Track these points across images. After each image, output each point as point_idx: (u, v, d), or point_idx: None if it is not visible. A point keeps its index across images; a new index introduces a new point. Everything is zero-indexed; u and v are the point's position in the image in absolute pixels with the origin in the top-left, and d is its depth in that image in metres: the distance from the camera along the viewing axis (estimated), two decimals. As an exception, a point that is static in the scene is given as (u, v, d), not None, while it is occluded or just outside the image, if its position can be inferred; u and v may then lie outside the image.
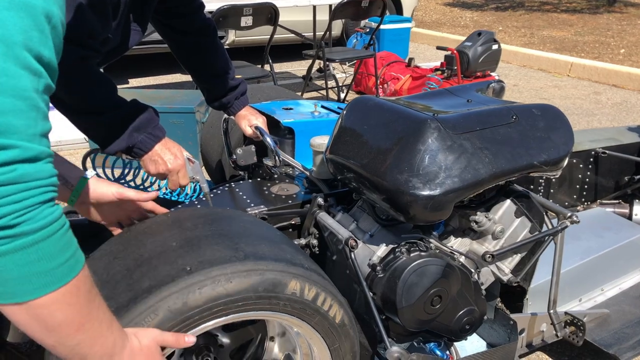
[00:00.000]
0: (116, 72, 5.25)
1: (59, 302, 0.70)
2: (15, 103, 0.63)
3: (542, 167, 1.33)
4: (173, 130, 3.16)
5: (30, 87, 0.65)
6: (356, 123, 1.42)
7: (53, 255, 0.68)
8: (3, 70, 0.62)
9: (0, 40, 0.62)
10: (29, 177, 0.65)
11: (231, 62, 1.78)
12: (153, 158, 1.36)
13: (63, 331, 0.73)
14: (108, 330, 0.79)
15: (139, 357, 0.86)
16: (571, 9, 9.96)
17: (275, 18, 3.69)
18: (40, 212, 0.66)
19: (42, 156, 0.66)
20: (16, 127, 0.63)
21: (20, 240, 0.65)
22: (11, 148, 0.63)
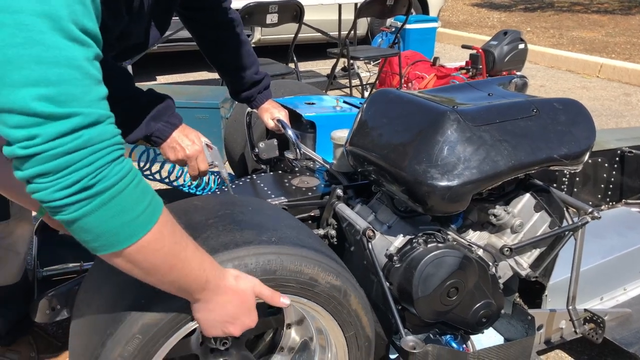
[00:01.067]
0: (144, 69, 5.36)
1: (147, 248, 0.79)
2: (70, 73, 0.68)
3: (563, 160, 1.32)
4: (198, 125, 3.19)
5: (81, 56, 0.70)
6: (376, 115, 1.44)
7: (131, 206, 0.76)
8: (53, 44, 0.67)
9: (46, 15, 0.66)
10: (94, 140, 0.71)
11: (256, 57, 1.81)
12: (171, 145, 1.40)
13: (158, 272, 0.83)
14: (199, 267, 0.87)
15: (232, 297, 0.93)
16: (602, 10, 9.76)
17: (301, 16, 3.72)
18: (111, 170, 0.73)
19: (103, 119, 0.72)
20: (75, 95, 0.69)
21: (99, 198, 0.72)
22: (74, 116, 0.69)
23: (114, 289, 1.03)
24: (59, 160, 0.68)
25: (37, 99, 0.66)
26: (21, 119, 0.66)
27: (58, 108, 0.67)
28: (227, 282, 0.92)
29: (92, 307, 1.05)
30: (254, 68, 1.80)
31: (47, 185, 0.69)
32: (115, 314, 0.97)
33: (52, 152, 0.68)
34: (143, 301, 0.96)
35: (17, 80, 0.66)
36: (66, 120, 0.68)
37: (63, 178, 0.69)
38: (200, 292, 0.89)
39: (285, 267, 1.04)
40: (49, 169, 0.69)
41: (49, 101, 0.67)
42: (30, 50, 0.66)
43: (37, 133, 0.67)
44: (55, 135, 0.68)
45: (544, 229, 1.46)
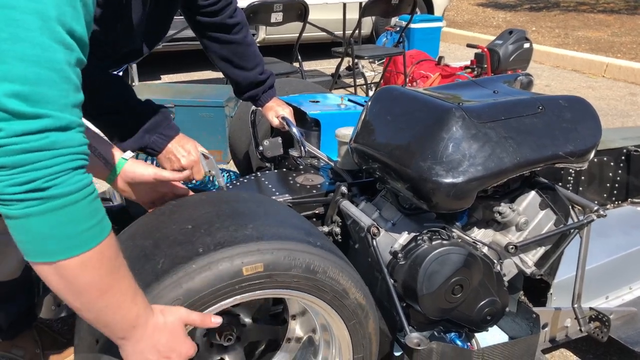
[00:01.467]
0: (148, 69, 5.37)
1: (83, 265, 0.75)
2: (49, 75, 0.68)
3: (568, 158, 1.32)
4: (202, 123, 3.22)
5: (63, 60, 0.69)
6: (381, 112, 1.43)
7: (80, 219, 0.73)
8: (39, 44, 0.67)
9: (37, 14, 0.66)
10: (59, 144, 0.69)
11: (261, 57, 1.82)
12: (167, 156, 1.41)
13: (87, 295, 0.78)
14: (132, 302, 0.83)
15: (161, 333, 0.88)
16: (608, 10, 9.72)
17: (305, 14, 3.72)
18: (71, 178, 0.71)
19: (73, 125, 0.71)
20: (49, 97, 0.68)
21: (51, 203, 0.70)
22: (44, 117, 0.67)
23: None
24: (18, 156, 0.67)
25: (9, 95, 0.65)
26: None
27: (29, 107, 0.66)
28: (155, 318, 0.88)
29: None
30: (259, 68, 1.80)
31: (2, 178, 0.68)
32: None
33: (13, 147, 0.67)
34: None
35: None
36: (35, 120, 0.67)
37: (19, 174, 0.67)
38: (129, 330, 0.84)
39: (326, 272, 1.07)
40: (6, 163, 0.67)
41: (21, 99, 0.66)
42: (14, 46, 0.65)
43: (2, 127, 0.66)
44: (19, 133, 0.66)
45: (549, 226, 1.45)
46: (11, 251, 1.55)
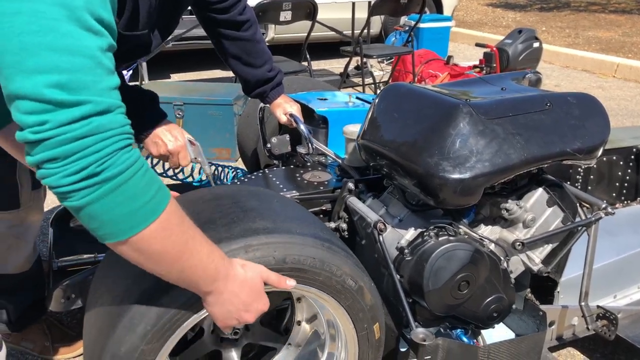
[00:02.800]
0: (158, 67, 5.40)
1: (154, 236, 0.79)
2: (82, 61, 0.70)
3: (576, 155, 1.31)
4: (211, 121, 3.24)
5: (94, 46, 0.71)
6: (388, 109, 1.44)
7: (138, 194, 0.76)
8: (68, 33, 0.69)
9: (63, 5, 0.68)
10: (103, 127, 0.72)
11: (270, 54, 1.83)
12: (154, 140, 1.43)
13: (165, 261, 0.82)
14: (208, 258, 0.87)
15: (242, 287, 0.93)
16: (620, 10, 9.64)
17: (314, 13, 3.73)
18: (119, 158, 0.74)
19: (113, 108, 0.74)
20: (86, 83, 0.70)
21: (107, 185, 0.73)
22: (85, 103, 0.70)
23: (126, 278, 1.04)
24: (68, 146, 0.70)
25: (49, 85, 0.68)
26: (33, 105, 0.68)
27: (69, 95, 0.69)
28: (236, 270, 0.92)
29: (104, 297, 1.06)
30: (268, 65, 1.81)
31: (55, 171, 0.70)
32: (127, 304, 0.98)
33: (61, 137, 0.69)
34: (154, 291, 0.97)
35: (31, 67, 0.67)
36: (76, 107, 0.69)
37: (71, 164, 0.70)
38: (211, 284, 0.89)
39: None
40: (57, 154, 0.70)
41: (60, 88, 0.68)
42: (45, 38, 0.67)
43: (48, 119, 0.68)
44: (65, 122, 0.69)
45: (556, 224, 1.45)
46: (22, 244, 1.58)
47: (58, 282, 1.49)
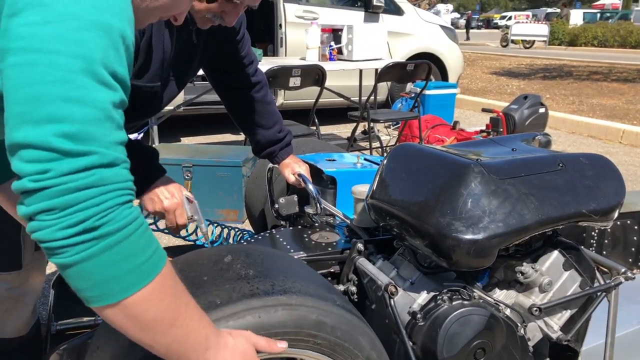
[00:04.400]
0: (169, 131, 5.50)
1: (147, 299, 0.74)
2: (94, 113, 0.69)
3: (592, 216, 1.28)
4: (219, 183, 3.25)
5: (107, 99, 0.71)
6: (398, 168, 1.43)
7: (136, 253, 0.72)
8: (83, 84, 0.68)
9: (82, 57, 0.68)
10: (107, 180, 0.70)
11: (280, 116, 1.85)
12: (150, 197, 1.41)
13: (157, 328, 0.76)
14: (199, 324, 0.82)
15: (234, 352, 0.87)
16: (622, 79, 9.86)
17: (323, 79, 3.82)
18: (120, 213, 0.71)
19: (118, 162, 0.72)
20: (95, 135, 0.69)
21: (105, 241, 0.69)
22: (91, 154, 0.68)
23: (124, 344, 0.99)
24: (68, 196, 0.67)
25: (57, 135, 0.66)
26: (38, 154, 0.66)
27: (76, 145, 0.67)
28: (226, 339, 0.87)
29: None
30: (278, 126, 1.83)
31: (50, 223, 0.67)
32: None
33: (62, 187, 0.67)
34: (154, 357, 0.92)
35: (41, 117, 0.66)
36: (82, 157, 0.68)
37: (69, 216, 0.67)
38: (203, 354, 0.82)
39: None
40: (55, 205, 0.67)
41: (68, 138, 0.67)
42: (60, 89, 0.67)
43: (50, 167, 0.66)
44: (68, 171, 0.67)
45: (574, 288, 1.39)
46: (21, 307, 1.53)
47: (55, 346, 1.43)
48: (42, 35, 0.67)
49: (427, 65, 4.26)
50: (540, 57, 14.92)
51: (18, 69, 0.67)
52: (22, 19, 0.67)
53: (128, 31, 0.74)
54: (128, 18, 0.75)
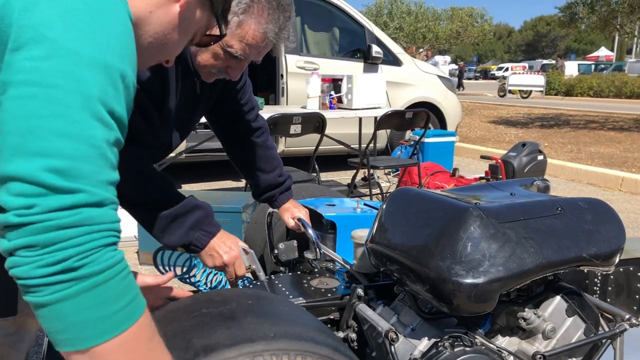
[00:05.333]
0: (171, 178, 5.52)
1: (120, 349, 0.70)
2: (86, 150, 0.68)
3: (593, 260, 1.27)
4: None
5: (101, 137, 0.70)
6: (397, 212, 1.43)
7: (113, 299, 0.69)
8: (78, 120, 0.68)
9: (80, 94, 0.68)
10: (92, 220, 0.68)
11: (280, 160, 1.87)
12: (209, 253, 1.42)
13: None
14: None
15: None
16: (618, 127, 9.99)
17: (323, 127, 3.88)
18: (103, 255, 0.68)
19: (107, 202, 0.70)
20: (85, 172, 0.68)
21: (84, 283, 0.67)
22: (78, 192, 0.67)
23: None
24: (51, 233, 0.65)
25: (47, 170, 0.65)
26: (25, 188, 0.65)
27: (65, 182, 0.66)
28: None
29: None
30: (278, 170, 1.85)
31: (30, 260, 0.65)
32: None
33: (46, 224, 0.65)
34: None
35: (34, 150, 0.66)
36: (69, 195, 0.66)
37: (50, 254, 0.65)
38: None
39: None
40: (37, 242, 0.65)
41: (58, 173, 0.66)
42: (55, 123, 0.67)
43: (36, 203, 0.65)
44: (54, 208, 0.65)
45: (578, 335, 1.37)
46: (14, 354, 1.49)
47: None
48: (43, 69, 0.67)
49: (425, 113, 4.33)
50: (537, 106, 15.17)
51: (17, 102, 0.67)
52: (25, 53, 0.68)
53: (129, 71, 0.75)
54: (130, 59, 0.76)
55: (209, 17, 0.99)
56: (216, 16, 0.99)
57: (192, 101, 1.50)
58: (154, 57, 0.98)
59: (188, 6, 0.92)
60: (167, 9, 0.90)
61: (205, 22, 0.99)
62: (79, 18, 0.70)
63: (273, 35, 1.30)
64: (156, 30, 0.91)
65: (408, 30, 23.50)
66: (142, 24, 0.89)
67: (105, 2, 0.74)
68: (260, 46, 1.31)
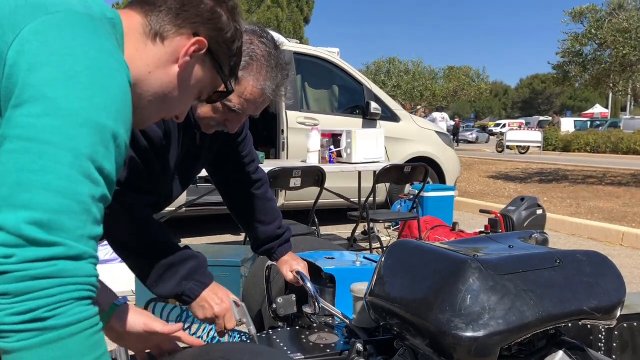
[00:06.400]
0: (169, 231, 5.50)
1: None
2: (71, 205, 0.70)
3: (594, 314, 1.26)
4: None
5: (88, 193, 0.72)
6: (396, 265, 1.43)
7: (77, 355, 0.69)
8: (67, 176, 0.71)
9: (71, 151, 0.71)
10: (66, 273, 0.69)
11: (280, 213, 1.88)
12: (201, 304, 1.41)
13: None
14: None
15: None
16: (616, 182, 10.05)
17: (322, 180, 3.91)
18: (72, 309, 0.69)
19: (85, 256, 0.71)
20: (67, 227, 0.69)
21: (49, 335, 0.67)
22: (57, 245, 0.68)
23: None
24: (24, 283, 0.66)
25: (30, 222, 0.67)
26: (7, 238, 0.67)
27: (45, 235, 0.68)
28: None
29: None
30: (277, 223, 1.86)
31: (3, 307, 0.66)
32: None
33: (20, 273, 0.66)
34: None
35: (19, 202, 0.68)
36: (48, 247, 0.68)
37: (21, 303, 0.66)
38: None
39: None
40: (10, 290, 0.66)
41: (39, 226, 0.68)
42: (43, 177, 0.69)
43: (15, 253, 0.66)
44: (30, 259, 0.67)
45: (583, 392, 1.33)
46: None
47: None
48: (38, 126, 0.71)
49: (424, 167, 4.38)
50: (535, 162, 15.32)
51: (11, 155, 0.70)
52: (24, 109, 0.71)
53: (122, 132, 0.78)
54: (124, 120, 0.79)
55: (213, 75, 1.02)
56: (221, 75, 1.03)
57: (193, 152, 1.53)
58: (158, 114, 1.01)
59: (187, 66, 0.96)
60: (166, 70, 0.95)
61: (209, 80, 1.03)
62: (80, 80, 0.74)
63: (270, 92, 1.36)
64: (156, 90, 0.95)
65: (406, 89, 24.09)
66: (142, 84, 0.93)
67: (106, 66, 0.78)
68: (258, 102, 1.36)
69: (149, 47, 0.93)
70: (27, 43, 0.74)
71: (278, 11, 15.95)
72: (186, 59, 0.95)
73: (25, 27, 0.75)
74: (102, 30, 0.82)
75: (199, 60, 0.98)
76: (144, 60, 0.93)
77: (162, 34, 0.94)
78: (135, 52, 0.92)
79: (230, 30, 1.00)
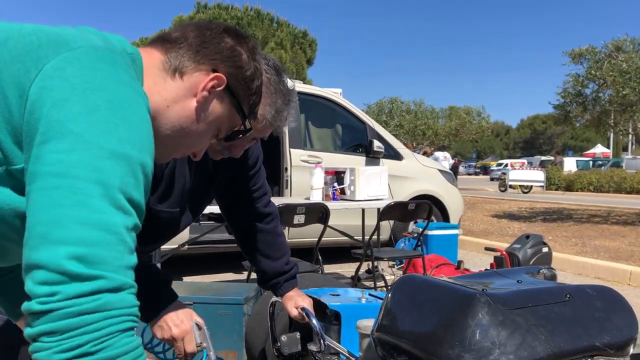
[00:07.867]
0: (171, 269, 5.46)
1: None
2: (107, 237, 0.71)
3: (607, 350, 1.23)
4: (220, 322, 3.14)
5: (121, 223, 0.74)
6: (403, 300, 1.40)
7: None
8: (99, 209, 0.72)
9: (101, 184, 0.73)
10: (111, 305, 0.70)
11: (288, 248, 1.87)
12: (160, 324, 1.38)
13: None
14: None
15: None
16: (621, 221, 9.99)
17: (326, 217, 3.90)
18: (119, 341, 0.70)
19: (126, 287, 0.72)
20: (105, 259, 0.71)
21: None
22: (99, 278, 0.69)
23: None
24: (70, 320, 0.67)
25: (70, 257, 0.68)
26: (49, 276, 0.68)
27: (86, 269, 0.69)
28: None
29: None
30: (285, 258, 1.85)
31: (50, 345, 0.67)
32: None
33: (67, 310, 0.67)
34: None
35: (57, 239, 0.69)
36: (90, 281, 0.69)
37: (69, 339, 0.67)
38: None
39: None
40: (57, 328, 0.67)
41: (79, 261, 0.69)
42: (77, 212, 0.70)
43: (58, 290, 0.67)
44: (74, 295, 0.68)
45: None
46: None
47: None
48: (67, 161, 0.72)
49: (428, 205, 4.37)
50: (539, 201, 15.28)
51: (42, 192, 0.71)
52: (52, 146, 0.73)
53: (148, 160, 0.80)
54: (149, 149, 0.81)
55: (231, 112, 1.03)
56: (240, 113, 1.03)
57: (205, 180, 1.54)
58: (176, 150, 1.02)
59: (205, 101, 0.97)
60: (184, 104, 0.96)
61: (227, 117, 1.03)
62: (103, 114, 0.76)
63: (271, 117, 1.37)
64: (173, 123, 0.96)
65: (408, 128, 24.30)
66: (160, 117, 0.94)
67: (127, 99, 0.80)
68: (258, 127, 1.38)
69: (168, 82, 0.95)
70: (49, 79, 0.76)
71: (282, 53, 16.30)
72: (204, 94, 0.96)
73: (48, 64, 0.77)
74: (121, 62, 0.84)
75: (218, 97, 0.99)
76: (162, 94, 0.94)
77: (181, 69, 0.95)
78: (154, 86, 0.94)
79: (249, 68, 1.01)
